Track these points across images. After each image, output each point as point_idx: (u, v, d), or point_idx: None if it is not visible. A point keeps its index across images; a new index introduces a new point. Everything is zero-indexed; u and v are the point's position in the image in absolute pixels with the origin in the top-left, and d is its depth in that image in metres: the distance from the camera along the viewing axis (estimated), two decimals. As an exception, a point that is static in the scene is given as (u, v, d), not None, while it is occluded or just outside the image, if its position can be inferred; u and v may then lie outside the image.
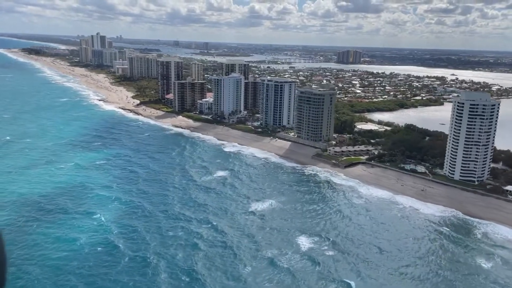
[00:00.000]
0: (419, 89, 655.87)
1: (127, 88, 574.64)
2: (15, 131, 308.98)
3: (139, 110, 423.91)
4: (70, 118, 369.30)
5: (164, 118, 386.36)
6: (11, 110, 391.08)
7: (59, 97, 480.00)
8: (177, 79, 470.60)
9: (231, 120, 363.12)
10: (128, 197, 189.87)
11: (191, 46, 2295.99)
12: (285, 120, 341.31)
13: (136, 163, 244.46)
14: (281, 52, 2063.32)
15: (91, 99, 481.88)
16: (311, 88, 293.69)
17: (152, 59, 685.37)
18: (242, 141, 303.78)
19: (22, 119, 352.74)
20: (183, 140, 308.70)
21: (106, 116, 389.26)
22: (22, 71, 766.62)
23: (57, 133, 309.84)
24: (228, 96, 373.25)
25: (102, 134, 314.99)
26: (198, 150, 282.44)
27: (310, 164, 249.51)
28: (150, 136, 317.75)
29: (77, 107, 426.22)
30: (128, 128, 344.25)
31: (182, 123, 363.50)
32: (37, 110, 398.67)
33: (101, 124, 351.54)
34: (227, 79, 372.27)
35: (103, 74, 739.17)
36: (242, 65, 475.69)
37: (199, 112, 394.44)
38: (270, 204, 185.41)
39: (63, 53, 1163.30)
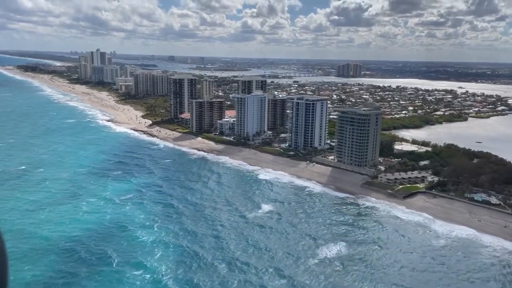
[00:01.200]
0: (434, 103, 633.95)
1: (134, 106, 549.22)
2: (29, 158, 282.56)
3: (153, 131, 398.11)
4: (83, 141, 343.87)
5: (182, 140, 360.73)
6: (19, 134, 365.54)
7: (66, 118, 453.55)
8: (190, 97, 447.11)
9: (256, 142, 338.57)
10: (175, 240, 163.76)
11: (186, 61, 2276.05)
12: (317, 142, 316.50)
13: (170, 194, 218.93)
14: (278, 66, 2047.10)
15: (99, 119, 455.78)
16: (354, 108, 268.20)
17: (158, 75, 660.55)
18: (276, 166, 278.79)
19: (33, 144, 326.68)
20: (211, 165, 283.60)
21: (121, 138, 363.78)
22: (21, 89, 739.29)
23: (75, 160, 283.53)
24: (252, 116, 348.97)
25: (123, 160, 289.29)
26: (231, 178, 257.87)
27: (362, 194, 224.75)
28: (175, 162, 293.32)
29: (87, 129, 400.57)
30: (147, 152, 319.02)
31: (203, 146, 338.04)
32: (46, 133, 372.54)
33: (118, 148, 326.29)
34: (251, 98, 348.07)
35: (105, 92, 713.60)
36: (259, 82, 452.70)
37: (219, 133, 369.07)
38: (340, 248, 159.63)
39: (60, 70, 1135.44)
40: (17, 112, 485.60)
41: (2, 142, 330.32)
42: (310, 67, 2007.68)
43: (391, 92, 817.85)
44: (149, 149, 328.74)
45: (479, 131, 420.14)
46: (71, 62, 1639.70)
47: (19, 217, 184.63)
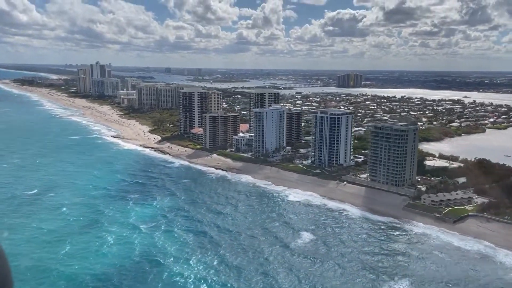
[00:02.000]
0: (445, 114, 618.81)
1: (139, 121, 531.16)
2: (40, 180, 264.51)
3: (164, 148, 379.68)
4: (93, 160, 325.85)
5: (196, 157, 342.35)
6: (26, 152, 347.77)
7: (71, 135, 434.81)
8: (200, 111, 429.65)
9: (276, 159, 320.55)
10: (218, 278, 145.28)
11: (183, 73, 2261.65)
12: (342, 158, 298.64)
13: (200, 220, 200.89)
14: (276, 77, 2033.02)
15: (105, 135, 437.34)
16: (389, 123, 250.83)
17: (162, 88, 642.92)
18: (303, 186, 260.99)
19: (42, 164, 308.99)
20: (235, 186, 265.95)
21: (132, 156, 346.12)
22: (20, 104, 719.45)
23: (89, 181, 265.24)
24: (271, 131, 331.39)
25: (140, 180, 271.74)
26: (259, 199, 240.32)
27: (406, 218, 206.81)
28: (195, 182, 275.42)
29: (94, 146, 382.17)
30: (163, 171, 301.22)
31: (221, 164, 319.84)
32: (53, 151, 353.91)
33: (131, 167, 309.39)
34: (270, 112, 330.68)
35: (107, 106, 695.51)
36: (272, 94, 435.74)
37: (235, 149, 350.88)
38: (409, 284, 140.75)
39: (58, 83, 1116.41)
40: (20, 128, 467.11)
41: (9, 162, 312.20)
42: (308, 77, 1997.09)
43: (398, 103, 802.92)
44: (164, 167, 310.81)
45: (502, 143, 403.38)
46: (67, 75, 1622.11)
47: (37, 250, 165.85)
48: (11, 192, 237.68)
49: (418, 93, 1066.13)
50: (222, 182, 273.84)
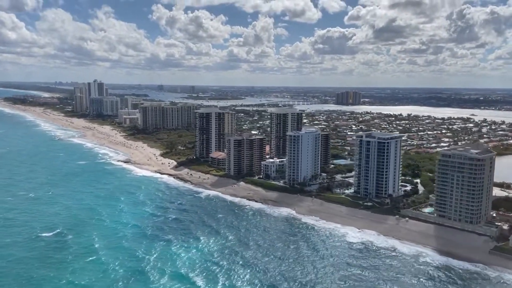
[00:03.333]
0: (462, 133, 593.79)
1: (147, 143, 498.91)
2: (59, 217, 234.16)
3: (183, 174, 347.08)
4: (110, 189, 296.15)
5: (222, 185, 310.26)
6: (35, 181, 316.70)
7: (77, 159, 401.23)
8: (217, 132, 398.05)
9: (313, 188, 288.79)
10: None
11: (176, 90, 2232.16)
12: (391, 188, 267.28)
13: (263, 269, 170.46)
14: (270, 94, 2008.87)
15: (114, 160, 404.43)
16: (461, 150, 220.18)
17: (167, 107, 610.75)
18: (358, 222, 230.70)
19: (56, 196, 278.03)
20: (279, 222, 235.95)
21: (151, 185, 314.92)
22: (15, 125, 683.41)
23: (115, 216, 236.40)
24: (307, 156, 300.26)
25: (171, 215, 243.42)
26: (316, 241, 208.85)
27: (496, 265, 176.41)
28: (233, 216, 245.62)
29: (107, 172, 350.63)
30: (192, 202, 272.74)
31: (252, 194, 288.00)
32: (64, 180, 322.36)
33: (156, 198, 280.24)
34: (306, 136, 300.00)
35: (108, 126, 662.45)
36: (295, 114, 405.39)
37: (264, 176, 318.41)
38: None
39: (51, 102, 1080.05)
40: (21, 153, 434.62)
41: (19, 194, 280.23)
42: (303, 94, 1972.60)
43: (407, 121, 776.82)
44: (191, 198, 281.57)
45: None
46: (58, 93, 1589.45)
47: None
48: (29, 233, 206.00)
49: (420, 110, 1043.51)
50: (263, 217, 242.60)
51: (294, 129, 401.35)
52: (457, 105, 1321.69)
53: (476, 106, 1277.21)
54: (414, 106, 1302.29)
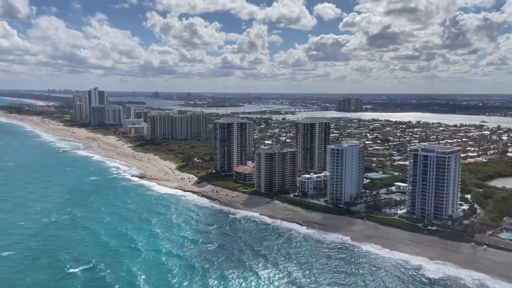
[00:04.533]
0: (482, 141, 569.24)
1: (159, 155, 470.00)
2: (88, 245, 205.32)
3: (208, 192, 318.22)
4: (134, 210, 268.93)
5: (255, 205, 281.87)
6: (49, 200, 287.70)
7: (87, 174, 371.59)
8: (240, 144, 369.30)
9: (359, 207, 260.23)
10: None
11: (172, 97, 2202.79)
12: (450, 208, 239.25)
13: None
14: (267, 101, 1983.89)
15: (127, 174, 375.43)
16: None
17: (176, 117, 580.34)
18: (429, 252, 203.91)
19: (77, 218, 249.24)
20: (337, 251, 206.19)
21: (177, 204, 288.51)
22: (14, 135, 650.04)
23: (151, 244, 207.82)
24: (351, 173, 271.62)
25: (214, 241, 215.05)
26: (389, 277, 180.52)
27: None
28: (282, 243, 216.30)
29: (124, 190, 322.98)
30: (229, 225, 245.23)
31: (292, 215, 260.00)
32: (80, 198, 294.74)
33: (188, 220, 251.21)
34: (350, 149, 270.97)
35: (112, 136, 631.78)
36: (322, 124, 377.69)
37: (301, 194, 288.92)
38: None
39: (49, 111, 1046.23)
40: (27, 167, 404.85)
41: (36, 217, 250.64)
42: (300, 101, 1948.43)
43: (419, 129, 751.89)
44: (226, 221, 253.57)
45: None
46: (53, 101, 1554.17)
47: None
48: (58, 268, 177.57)
49: (425, 117, 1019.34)
50: (317, 245, 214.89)
51: (322, 140, 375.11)
52: (460, 112, 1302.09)
53: (481, 113, 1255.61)
54: (417, 112, 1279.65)
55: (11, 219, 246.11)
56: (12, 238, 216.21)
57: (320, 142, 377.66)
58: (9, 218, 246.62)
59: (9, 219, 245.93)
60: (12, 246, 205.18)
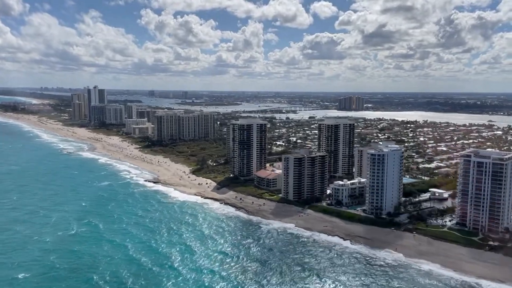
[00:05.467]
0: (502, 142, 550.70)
1: (169, 157, 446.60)
2: (119, 263, 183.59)
3: (231, 199, 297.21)
4: (161, 221, 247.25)
5: (286, 215, 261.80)
6: (64, 210, 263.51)
7: (97, 179, 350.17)
8: (259, 147, 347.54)
9: (402, 218, 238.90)
10: None
11: (168, 96, 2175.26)
12: (505, 220, 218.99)
13: None
14: (265, 99, 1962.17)
15: (140, 179, 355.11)
16: None
17: (183, 117, 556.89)
18: (497, 272, 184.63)
19: (99, 230, 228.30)
20: (391, 270, 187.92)
21: (205, 213, 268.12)
22: (13, 136, 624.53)
23: (188, 261, 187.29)
24: (392, 180, 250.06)
25: (257, 257, 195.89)
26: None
27: None
28: (332, 259, 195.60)
29: (141, 196, 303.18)
30: (269, 238, 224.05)
31: (330, 227, 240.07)
32: (97, 208, 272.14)
33: (222, 231, 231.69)
34: (392, 154, 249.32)
35: (116, 136, 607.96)
36: (347, 126, 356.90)
37: (335, 202, 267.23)
38: None
39: (45, 109, 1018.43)
40: (33, 171, 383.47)
41: (59, 230, 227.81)
42: (297, 99, 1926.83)
43: (428, 129, 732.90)
44: (262, 231, 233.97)
45: None
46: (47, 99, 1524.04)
47: None
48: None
49: (430, 116, 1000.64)
50: (367, 261, 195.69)
51: (346, 142, 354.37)
52: (462, 111, 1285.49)
53: (484, 112, 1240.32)
54: (418, 111, 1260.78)
55: (26, 231, 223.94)
56: (28, 255, 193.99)
57: (345, 144, 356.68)
58: (23, 230, 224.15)
59: (23, 231, 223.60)
60: (30, 265, 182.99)
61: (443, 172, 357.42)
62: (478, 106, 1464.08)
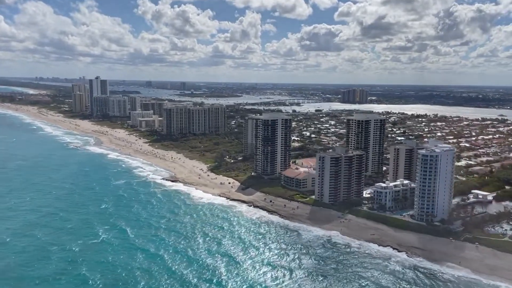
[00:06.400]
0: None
1: (182, 153, 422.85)
2: (168, 281, 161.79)
3: (259, 201, 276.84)
4: (193, 226, 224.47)
5: (325, 221, 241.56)
6: (86, 213, 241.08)
7: (111, 177, 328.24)
8: (284, 144, 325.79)
9: (456, 225, 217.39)
10: None
11: (166, 87, 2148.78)
12: None
13: None
14: (265, 91, 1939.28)
15: (156, 176, 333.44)
16: None
17: (194, 109, 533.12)
18: None
19: (130, 237, 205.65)
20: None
21: (238, 218, 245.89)
22: (14, 128, 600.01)
23: (240, 278, 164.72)
24: (444, 183, 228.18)
25: (319, 271, 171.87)
26: None
27: None
28: (393, 274, 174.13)
29: (164, 197, 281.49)
30: (318, 250, 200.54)
31: (377, 235, 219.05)
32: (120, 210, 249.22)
33: (267, 240, 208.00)
34: (445, 155, 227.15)
35: (121, 129, 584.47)
36: (378, 121, 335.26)
37: (378, 206, 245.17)
38: None
39: (44, 100, 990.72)
40: (43, 166, 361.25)
41: (87, 237, 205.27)
42: (297, 92, 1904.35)
43: (442, 123, 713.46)
44: (304, 240, 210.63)
45: None
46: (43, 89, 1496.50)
47: None
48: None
49: (436, 110, 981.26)
50: (436, 278, 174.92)
51: (377, 139, 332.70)
52: (467, 104, 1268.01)
53: (490, 105, 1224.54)
54: (423, 105, 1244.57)
55: (45, 237, 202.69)
56: (54, 266, 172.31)
57: (375, 141, 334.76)
58: (43, 236, 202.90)
59: (43, 237, 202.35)
60: (58, 279, 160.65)
61: (478, 171, 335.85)
62: (480, 99, 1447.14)
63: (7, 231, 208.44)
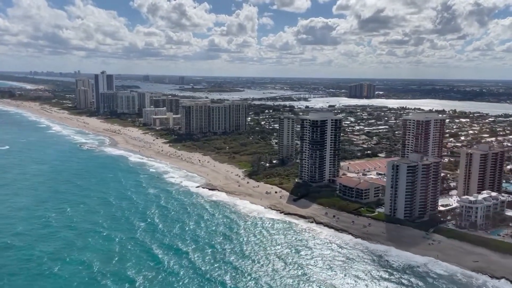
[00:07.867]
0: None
1: (209, 154, 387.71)
2: None
3: (319, 215, 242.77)
4: (263, 253, 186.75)
5: (409, 242, 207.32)
6: (119, 227, 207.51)
7: (141, 184, 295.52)
8: (333, 148, 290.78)
9: None
10: None
11: (164, 81, 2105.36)
12: None
13: None
14: (265, 86, 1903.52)
15: (189, 184, 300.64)
16: None
17: (214, 107, 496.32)
18: None
19: (196, 267, 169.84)
20: None
21: (305, 239, 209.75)
22: (21, 126, 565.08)
23: None
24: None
25: None
26: None
27: None
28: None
29: (213, 212, 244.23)
30: (429, 285, 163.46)
31: (485, 264, 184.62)
32: (172, 228, 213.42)
33: (359, 273, 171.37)
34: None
35: (134, 128, 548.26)
36: (438, 121, 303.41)
37: (468, 225, 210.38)
38: None
39: (45, 96, 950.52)
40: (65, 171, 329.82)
41: (146, 264, 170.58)
42: (299, 86, 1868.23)
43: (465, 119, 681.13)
44: (394, 269, 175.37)
45: None
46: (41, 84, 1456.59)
47: None
48: None
49: (449, 105, 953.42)
50: None
51: (436, 142, 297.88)
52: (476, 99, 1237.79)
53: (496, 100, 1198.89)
54: (433, 99, 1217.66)
55: (96, 263, 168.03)
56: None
57: (434, 145, 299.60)
58: (91, 262, 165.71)
59: (92, 262, 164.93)
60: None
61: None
62: (486, 94, 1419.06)
63: (50, 256, 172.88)
